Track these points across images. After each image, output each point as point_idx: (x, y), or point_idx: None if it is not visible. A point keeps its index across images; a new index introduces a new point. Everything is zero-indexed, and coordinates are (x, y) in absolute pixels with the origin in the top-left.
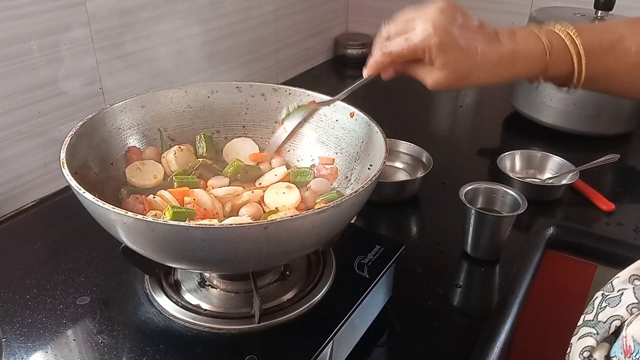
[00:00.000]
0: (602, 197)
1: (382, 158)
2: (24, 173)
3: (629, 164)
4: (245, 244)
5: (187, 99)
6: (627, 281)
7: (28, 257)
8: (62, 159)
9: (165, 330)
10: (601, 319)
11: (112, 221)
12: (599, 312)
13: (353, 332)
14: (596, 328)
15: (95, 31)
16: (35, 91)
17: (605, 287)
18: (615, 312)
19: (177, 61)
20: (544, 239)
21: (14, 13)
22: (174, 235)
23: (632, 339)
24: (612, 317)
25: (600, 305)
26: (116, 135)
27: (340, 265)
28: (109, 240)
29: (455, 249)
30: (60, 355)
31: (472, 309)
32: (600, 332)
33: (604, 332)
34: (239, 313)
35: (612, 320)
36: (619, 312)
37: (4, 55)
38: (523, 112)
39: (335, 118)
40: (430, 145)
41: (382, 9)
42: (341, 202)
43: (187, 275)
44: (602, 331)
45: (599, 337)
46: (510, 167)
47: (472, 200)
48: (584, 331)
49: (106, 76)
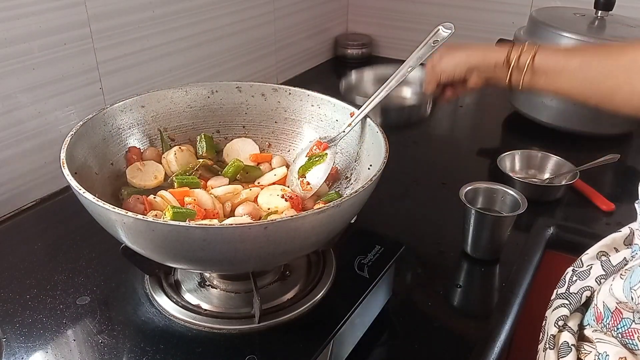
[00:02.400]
0: (602, 197)
1: (382, 158)
2: (24, 173)
3: (629, 164)
4: (245, 244)
5: (187, 99)
6: (595, 257)
7: (28, 257)
8: (62, 159)
9: (165, 330)
10: (572, 291)
11: (112, 221)
12: (570, 285)
13: (353, 332)
14: (569, 299)
15: (95, 31)
16: (35, 91)
17: (575, 263)
18: (586, 284)
19: (177, 61)
20: (544, 239)
21: (14, 13)
22: (174, 235)
23: (603, 304)
24: (582, 288)
25: (571, 279)
26: (116, 135)
27: (340, 265)
28: (109, 240)
29: (455, 249)
30: (60, 355)
31: (472, 309)
32: (573, 302)
33: (576, 302)
34: (239, 313)
35: (582, 291)
36: (588, 283)
37: (4, 55)
38: (523, 112)
39: (336, 118)
40: (430, 145)
41: (382, 9)
42: (341, 202)
43: (187, 275)
44: (575, 301)
45: (572, 307)
46: (510, 167)
47: (472, 200)
48: (558, 303)
49: (106, 76)
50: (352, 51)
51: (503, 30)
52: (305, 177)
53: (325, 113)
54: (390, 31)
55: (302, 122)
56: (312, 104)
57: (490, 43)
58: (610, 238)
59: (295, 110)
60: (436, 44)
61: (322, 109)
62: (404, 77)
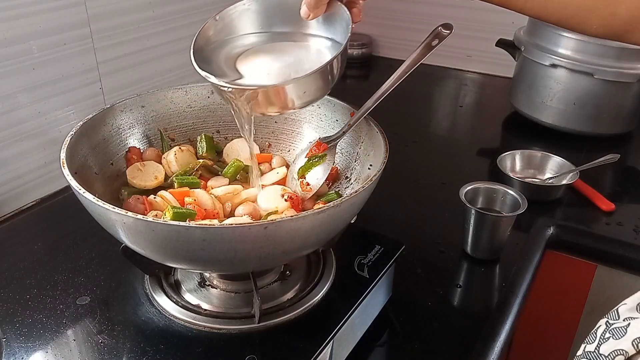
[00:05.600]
0: (602, 197)
1: (382, 158)
2: (24, 173)
3: (629, 164)
4: (245, 244)
5: (187, 99)
6: (635, 309)
7: (28, 257)
8: (62, 159)
9: (165, 330)
10: (603, 352)
11: (112, 221)
12: (601, 344)
13: (353, 332)
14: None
15: (95, 31)
16: (35, 91)
17: (609, 314)
18: (619, 346)
19: (177, 61)
20: (544, 239)
21: (14, 13)
22: (174, 235)
23: None
24: (615, 351)
25: (603, 335)
26: (116, 135)
27: (340, 265)
28: (109, 240)
29: (455, 249)
30: (60, 355)
31: (472, 309)
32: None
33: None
34: (239, 313)
35: (615, 355)
36: (623, 346)
37: (4, 55)
38: (523, 112)
39: (336, 118)
40: (430, 145)
41: (382, 9)
42: (341, 202)
43: (187, 275)
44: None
45: None
46: (511, 167)
47: (472, 200)
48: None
49: (106, 76)
50: (352, 51)
51: (503, 30)
52: (305, 178)
53: (325, 113)
54: (390, 31)
55: (302, 122)
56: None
57: None
58: None
59: (295, 110)
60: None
61: (322, 109)
62: (403, 77)
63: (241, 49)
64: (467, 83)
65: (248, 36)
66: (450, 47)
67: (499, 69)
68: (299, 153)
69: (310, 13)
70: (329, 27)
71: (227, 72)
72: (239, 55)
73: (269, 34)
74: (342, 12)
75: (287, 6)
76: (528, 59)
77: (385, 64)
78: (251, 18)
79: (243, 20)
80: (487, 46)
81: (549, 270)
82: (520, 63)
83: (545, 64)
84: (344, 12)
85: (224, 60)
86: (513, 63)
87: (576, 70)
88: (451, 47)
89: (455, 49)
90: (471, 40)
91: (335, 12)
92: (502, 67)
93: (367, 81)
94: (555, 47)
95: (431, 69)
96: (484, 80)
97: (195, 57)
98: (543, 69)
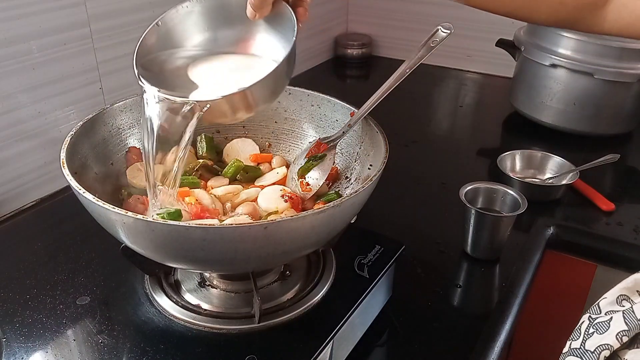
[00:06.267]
0: (602, 197)
1: (382, 158)
2: (24, 173)
3: (629, 164)
4: (245, 244)
5: None
6: (615, 302)
7: (28, 257)
8: (62, 159)
9: (165, 330)
10: (589, 348)
11: (112, 221)
12: (586, 339)
13: (353, 332)
14: (583, 358)
15: (95, 31)
16: (36, 91)
17: (591, 308)
18: (604, 341)
19: None
20: (544, 239)
21: (14, 13)
22: (174, 235)
23: None
24: (600, 345)
25: (587, 331)
26: (116, 135)
27: (340, 265)
28: (109, 240)
29: (455, 249)
30: (60, 355)
31: (472, 309)
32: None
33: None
34: (239, 313)
35: (600, 350)
36: (607, 340)
37: (4, 55)
38: (523, 112)
39: (335, 118)
40: (430, 145)
41: (382, 9)
42: (341, 202)
43: (187, 275)
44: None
45: None
46: (511, 167)
47: (472, 200)
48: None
49: (106, 76)
50: (352, 51)
51: (503, 30)
52: (305, 178)
53: (325, 113)
54: (390, 31)
55: (302, 122)
56: (312, 104)
57: None
58: (632, 279)
59: (295, 110)
60: (435, 44)
61: (322, 109)
62: (403, 77)
63: (188, 57)
64: (467, 83)
65: (193, 41)
66: (450, 47)
67: (499, 69)
68: (299, 153)
69: (255, 13)
70: (276, 27)
71: (176, 82)
72: (188, 65)
73: (215, 38)
74: (287, 12)
75: (231, 7)
76: (528, 59)
77: (385, 64)
78: (195, 21)
79: (187, 24)
80: (487, 46)
81: (549, 270)
82: (520, 63)
83: (545, 64)
84: (289, 12)
85: (173, 70)
86: (513, 63)
87: (576, 70)
88: (451, 47)
89: (455, 49)
90: (471, 40)
91: (282, 12)
92: (502, 67)
93: (367, 81)
94: (555, 47)
95: (431, 69)
96: (484, 80)
97: (139, 67)
98: (543, 69)
